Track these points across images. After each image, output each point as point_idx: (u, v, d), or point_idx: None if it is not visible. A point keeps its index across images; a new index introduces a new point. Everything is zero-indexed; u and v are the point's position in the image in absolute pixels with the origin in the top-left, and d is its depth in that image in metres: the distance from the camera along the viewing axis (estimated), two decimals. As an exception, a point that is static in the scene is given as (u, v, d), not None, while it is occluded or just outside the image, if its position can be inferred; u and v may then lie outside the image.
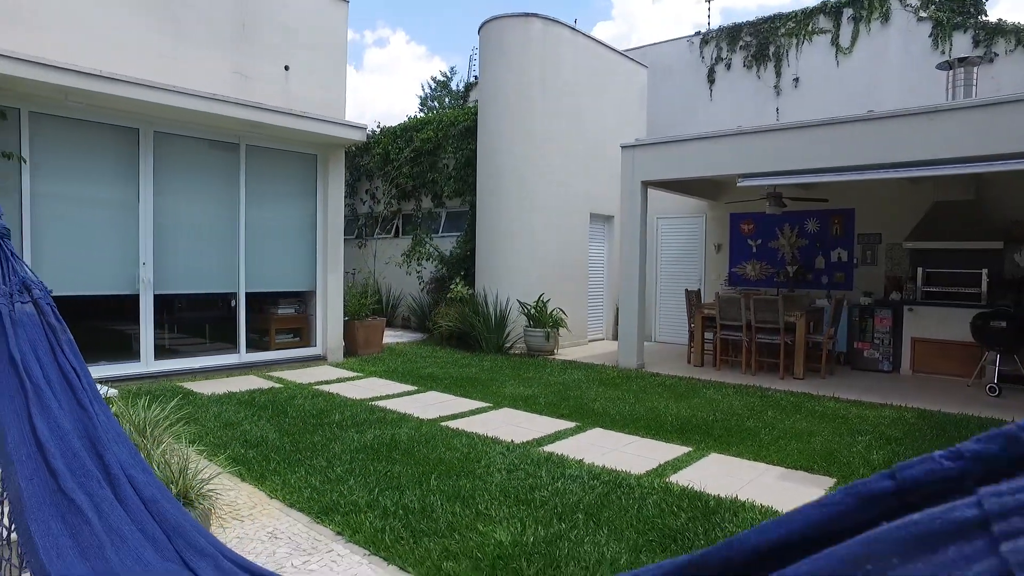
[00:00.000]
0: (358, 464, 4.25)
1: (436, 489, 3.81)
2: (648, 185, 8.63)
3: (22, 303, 1.82)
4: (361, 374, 7.74)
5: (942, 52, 10.38)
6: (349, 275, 12.70)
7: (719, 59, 12.71)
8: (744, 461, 4.59)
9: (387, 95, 41.58)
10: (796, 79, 11.83)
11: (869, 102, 10.40)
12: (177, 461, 2.98)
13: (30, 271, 1.92)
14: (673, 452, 4.79)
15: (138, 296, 6.83)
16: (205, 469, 3.13)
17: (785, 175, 7.35)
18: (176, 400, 4.77)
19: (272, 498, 3.67)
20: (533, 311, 9.60)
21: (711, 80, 12.81)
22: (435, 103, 23.46)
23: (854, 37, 11.28)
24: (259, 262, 7.90)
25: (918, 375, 8.15)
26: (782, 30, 12.00)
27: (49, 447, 1.44)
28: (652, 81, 12.92)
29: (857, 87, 11.14)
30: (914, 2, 10.70)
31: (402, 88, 44.90)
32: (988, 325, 6.97)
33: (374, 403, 6.17)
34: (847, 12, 11.33)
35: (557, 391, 6.91)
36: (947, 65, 8.18)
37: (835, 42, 11.46)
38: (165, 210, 7.05)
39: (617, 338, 9.64)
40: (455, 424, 5.46)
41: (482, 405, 6.25)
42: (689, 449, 4.87)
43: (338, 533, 3.22)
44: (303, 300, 8.73)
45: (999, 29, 9.95)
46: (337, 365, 8.34)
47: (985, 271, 7.76)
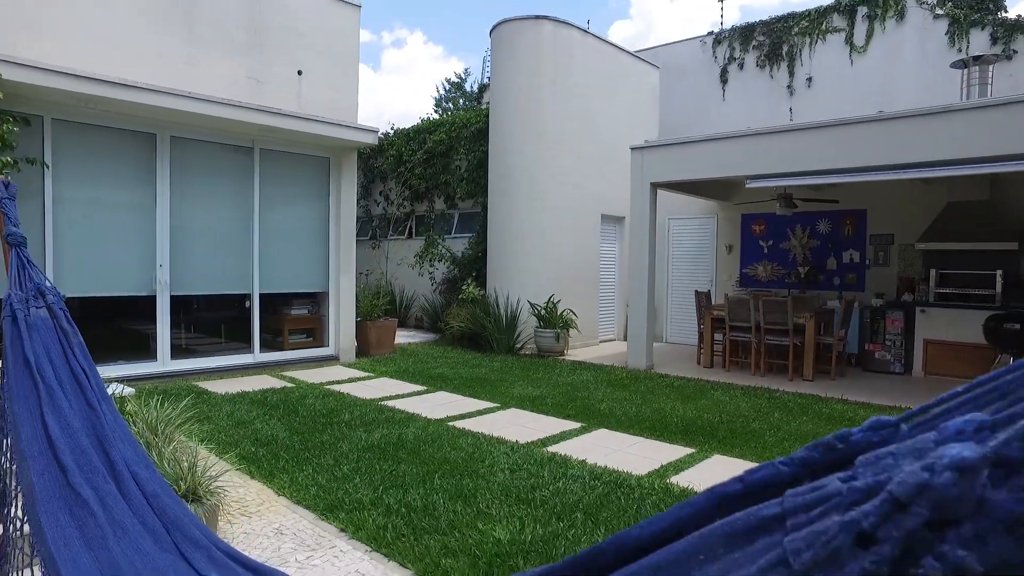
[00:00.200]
0: (364, 463, 4.35)
1: (439, 488, 3.89)
2: (657, 186, 8.65)
3: (37, 308, 1.93)
4: (372, 374, 7.85)
5: (959, 50, 10.25)
6: (362, 276, 12.86)
7: (732, 59, 12.66)
8: (747, 463, 4.62)
9: (404, 96, 41.85)
10: (809, 79, 11.75)
11: (884, 101, 10.31)
12: (187, 458, 3.09)
13: (45, 278, 2.03)
14: (676, 453, 4.83)
15: (155, 297, 7.01)
16: (214, 466, 3.24)
17: (794, 176, 7.33)
18: (190, 399, 4.91)
19: (279, 495, 3.78)
20: (543, 312, 9.65)
21: (724, 80, 12.76)
22: (449, 104, 23.59)
23: (869, 35, 11.18)
24: (273, 263, 8.05)
25: (930, 377, 8.08)
26: (795, 29, 11.92)
27: (59, 444, 1.54)
28: (665, 81, 12.91)
29: (871, 86, 11.04)
30: None
31: (419, 89, 45.19)
32: (1002, 327, 6.90)
33: (383, 403, 6.28)
34: (862, 11, 11.23)
35: (565, 392, 6.97)
36: (962, 64, 8.09)
37: (849, 41, 11.37)
38: (181, 213, 7.22)
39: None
40: (462, 424, 5.54)
41: (490, 405, 6.33)
42: (692, 450, 4.91)
43: (342, 530, 3.32)
44: (316, 301, 8.88)
45: (1018, 26, 9.79)
46: (349, 365, 8.47)
47: (999, 272, 7.68)
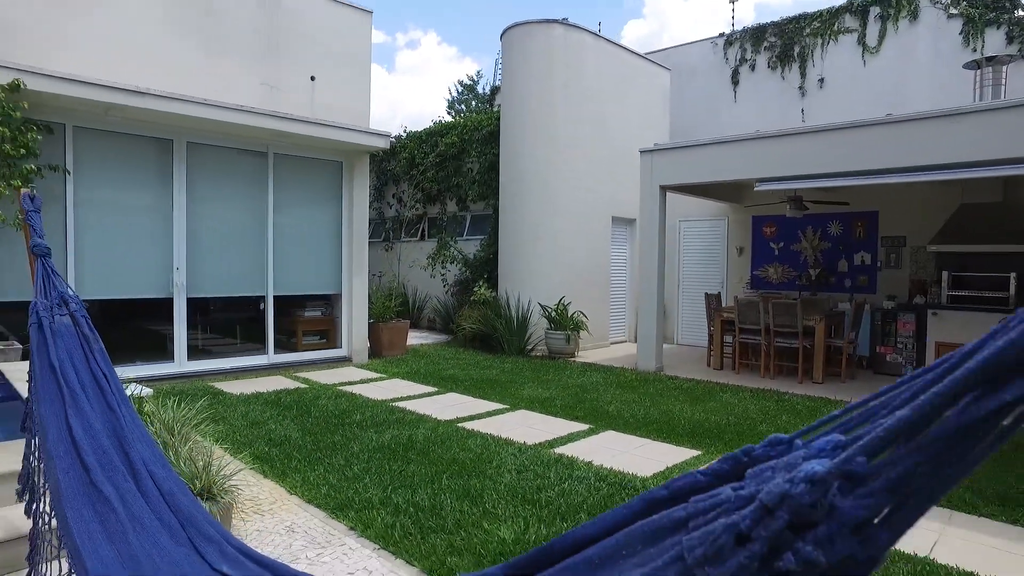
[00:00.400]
0: (374, 463, 4.45)
1: (447, 488, 3.98)
2: (666, 189, 8.68)
3: (61, 315, 2.05)
4: (384, 375, 7.97)
5: (973, 49, 10.16)
6: (375, 278, 13.01)
7: (743, 60, 12.63)
8: (752, 465, 4.65)
9: (419, 97, 42.11)
10: (821, 79, 11.69)
11: (897, 102, 10.26)
12: (202, 458, 3.20)
13: (68, 287, 2.14)
14: (682, 455, 4.87)
15: (172, 299, 7.18)
16: (228, 465, 3.35)
17: (803, 179, 7.33)
18: (205, 399, 5.04)
19: (292, 494, 3.89)
20: (554, 314, 9.72)
21: (735, 82, 12.73)
22: (462, 106, 23.73)
23: (881, 36, 11.11)
24: (287, 266, 8.20)
25: (943, 380, 8.02)
26: (807, 30, 11.88)
27: (82, 444, 1.64)
28: (676, 83, 12.92)
29: (884, 87, 10.97)
30: (944, -1, 10.51)
31: (433, 90, 45.42)
32: (1014, 330, 6.85)
33: (394, 404, 6.38)
34: (874, 11, 11.16)
35: (574, 393, 7.03)
36: (974, 65, 8.03)
37: (862, 41, 11.30)
38: (197, 216, 7.38)
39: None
40: (471, 425, 5.63)
41: (499, 407, 6.41)
42: (699, 453, 4.95)
43: (351, 528, 3.41)
44: (329, 303, 9.01)
45: (1034, 25, 9.69)
46: (361, 366, 8.59)
47: (1013, 275, 7.61)
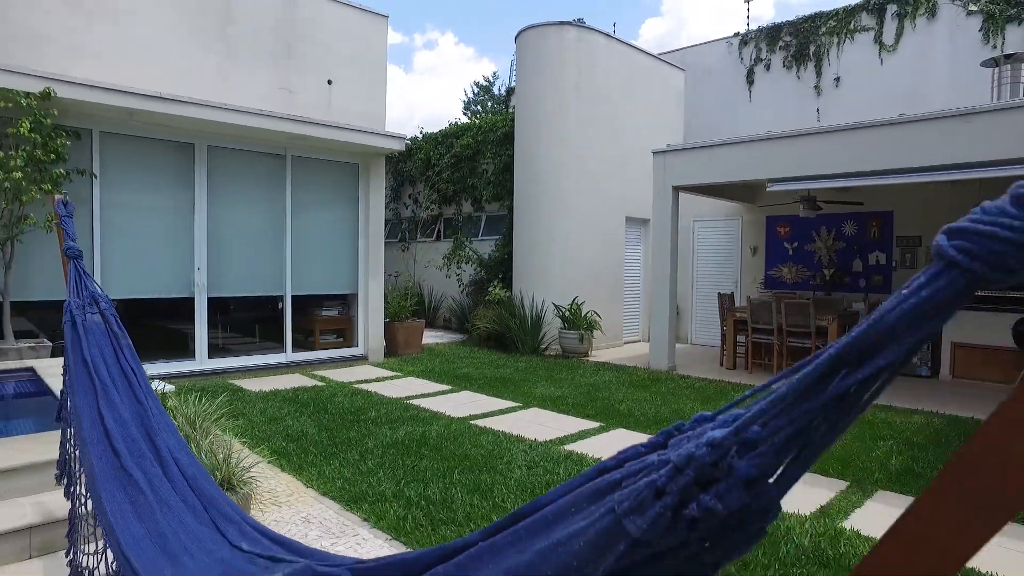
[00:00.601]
0: (388, 458, 4.57)
1: (458, 482, 4.09)
2: (679, 190, 8.72)
3: (92, 314, 2.19)
4: (399, 374, 8.11)
5: (993, 47, 10.05)
6: (391, 278, 13.18)
7: (758, 60, 12.60)
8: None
9: (436, 97, 42.43)
10: (837, 78, 11.63)
11: (914, 100, 10.18)
12: (222, 451, 3.34)
13: (98, 287, 2.28)
14: (691, 453, 4.93)
15: (193, 299, 7.38)
16: (247, 459, 3.49)
17: (816, 179, 7.33)
18: (225, 396, 5.21)
19: (308, 487, 4.03)
20: (567, 313, 9.80)
21: (750, 81, 12.71)
22: (478, 107, 23.90)
23: (898, 34, 11.02)
24: (304, 266, 8.37)
25: (958, 381, 7.99)
26: (823, 29, 11.82)
27: (114, 433, 1.78)
28: (691, 83, 12.92)
29: (901, 85, 10.88)
30: (963, -4, 10.40)
31: (451, 90, 45.77)
32: (1030, 331, 6.81)
33: (409, 401, 6.51)
34: (891, 9, 11.08)
35: (586, 392, 7.11)
36: (993, 63, 7.97)
37: (878, 39, 11.22)
38: (217, 218, 7.58)
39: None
40: (484, 423, 5.74)
41: (512, 405, 6.51)
42: (707, 451, 5.00)
43: (364, 519, 3.53)
44: (346, 302, 9.18)
45: (1056, 22, 9.57)
46: (377, 365, 8.74)
47: (1030, 275, 7.54)
